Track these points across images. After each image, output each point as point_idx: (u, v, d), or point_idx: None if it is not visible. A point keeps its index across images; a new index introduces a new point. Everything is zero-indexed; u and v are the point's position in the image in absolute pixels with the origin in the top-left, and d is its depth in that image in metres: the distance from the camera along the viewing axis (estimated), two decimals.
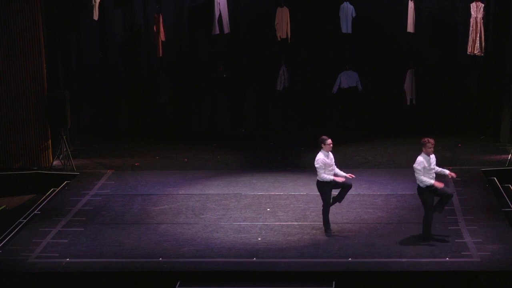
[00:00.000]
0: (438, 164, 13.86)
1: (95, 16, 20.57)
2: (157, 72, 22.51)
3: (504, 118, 20.11)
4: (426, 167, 13.55)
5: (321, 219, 14.69)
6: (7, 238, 14.75)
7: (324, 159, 14.15)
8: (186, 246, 14.05)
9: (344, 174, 14.42)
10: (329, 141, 14.21)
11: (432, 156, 13.69)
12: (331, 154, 14.30)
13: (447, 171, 13.87)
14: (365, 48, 22.08)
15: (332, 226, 14.68)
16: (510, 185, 17.61)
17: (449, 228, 14.50)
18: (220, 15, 21.45)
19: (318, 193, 14.92)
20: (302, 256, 13.47)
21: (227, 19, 21.51)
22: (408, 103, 21.86)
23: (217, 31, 21.54)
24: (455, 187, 16.86)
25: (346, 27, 21.55)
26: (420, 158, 13.60)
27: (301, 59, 22.38)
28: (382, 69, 22.16)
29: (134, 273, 13.05)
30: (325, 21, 21.97)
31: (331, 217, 15.08)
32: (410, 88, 21.78)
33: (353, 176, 14.43)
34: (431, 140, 13.63)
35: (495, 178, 17.74)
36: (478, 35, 20.30)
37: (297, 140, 21.25)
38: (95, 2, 20.37)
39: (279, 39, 21.72)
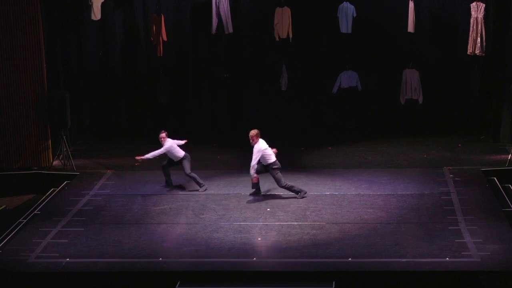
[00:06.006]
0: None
1: (93, 17, 20.57)
2: (157, 72, 22.52)
3: (504, 118, 20.11)
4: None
5: (321, 219, 15.06)
6: (7, 238, 14.76)
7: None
8: (186, 246, 14.05)
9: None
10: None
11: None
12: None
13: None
14: (365, 48, 22.08)
15: (332, 226, 14.73)
16: (510, 185, 17.61)
17: (449, 228, 14.50)
18: (220, 15, 21.42)
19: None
20: (302, 256, 13.47)
21: (230, 19, 21.46)
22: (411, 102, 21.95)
23: (214, 30, 21.54)
24: (455, 187, 16.89)
25: (346, 27, 21.55)
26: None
27: (301, 59, 22.39)
28: (382, 69, 22.17)
29: (134, 273, 13.05)
30: (325, 21, 21.97)
31: (331, 217, 15.16)
32: (404, 88, 21.83)
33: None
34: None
35: (495, 178, 17.75)
36: (479, 35, 20.29)
37: (297, 140, 21.26)
38: (91, 2, 20.38)
39: (277, 39, 21.70)
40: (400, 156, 19.68)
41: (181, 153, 17.10)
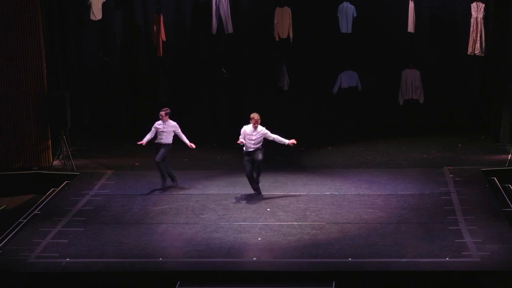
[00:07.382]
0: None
1: (93, 17, 20.57)
2: (157, 72, 22.52)
3: (504, 118, 20.12)
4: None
5: (321, 219, 15.04)
6: (7, 238, 14.75)
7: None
8: (186, 246, 14.05)
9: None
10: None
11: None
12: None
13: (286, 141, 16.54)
14: (365, 48, 22.08)
15: (332, 226, 14.73)
16: (510, 185, 17.61)
17: (449, 228, 14.50)
18: (220, 15, 21.42)
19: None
20: (302, 256, 13.47)
21: (230, 19, 21.45)
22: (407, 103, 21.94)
23: (214, 30, 21.54)
24: (455, 187, 16.89)
25: (346, 27, 21.55)
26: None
27: (301, 59, 22.39)
28: (382, 69, 22.17)
29: (134, 273, 13.04)
30: (325, 21, 21.98)
31: (331, 217, 15.15)
32: (404, 88, 21.83)
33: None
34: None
35: (495, 178, 17.74)
36: (479, 35, 20.30)
37: (297, 140, 21.22)
38: (90, 3, 20.39)
39: (277, 39, 21.70)
40: (400, 156, 19.68)
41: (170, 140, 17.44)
